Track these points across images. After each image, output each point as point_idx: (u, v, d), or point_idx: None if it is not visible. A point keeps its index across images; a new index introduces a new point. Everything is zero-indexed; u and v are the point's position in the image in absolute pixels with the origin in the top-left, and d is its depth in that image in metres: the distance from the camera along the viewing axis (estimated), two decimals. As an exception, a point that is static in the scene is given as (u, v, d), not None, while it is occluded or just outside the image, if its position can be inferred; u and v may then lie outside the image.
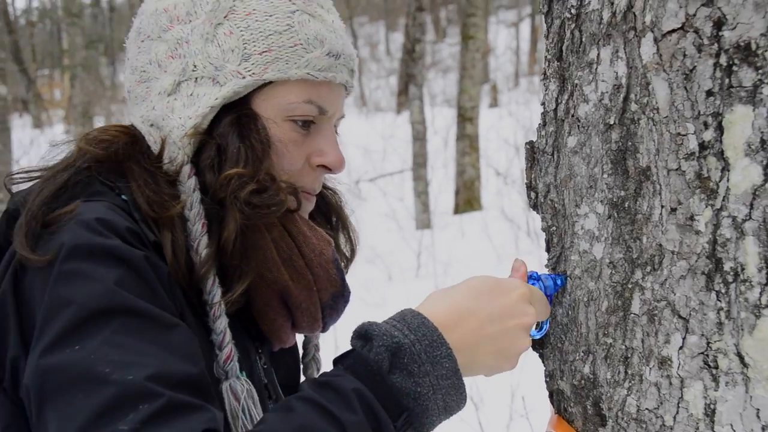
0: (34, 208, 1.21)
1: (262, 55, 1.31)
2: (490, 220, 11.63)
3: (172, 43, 1.34)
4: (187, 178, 1.30)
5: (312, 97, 1.36)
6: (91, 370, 1.02)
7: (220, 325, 1.28)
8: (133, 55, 1.41)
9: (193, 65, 1.32)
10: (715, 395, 1.10)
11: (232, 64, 1.31)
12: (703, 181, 1.08)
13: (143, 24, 1.40)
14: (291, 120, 1.36)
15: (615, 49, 1.18)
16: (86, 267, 1.11)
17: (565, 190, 1.30)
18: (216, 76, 1.31)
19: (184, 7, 1.35)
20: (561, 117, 1.30)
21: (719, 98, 1.06)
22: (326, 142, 1.42)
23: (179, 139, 1.32)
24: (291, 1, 1.35)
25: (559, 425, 1.32)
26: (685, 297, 1.12)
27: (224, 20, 1.32)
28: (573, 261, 1.28)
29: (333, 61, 1.38)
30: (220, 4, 1.33)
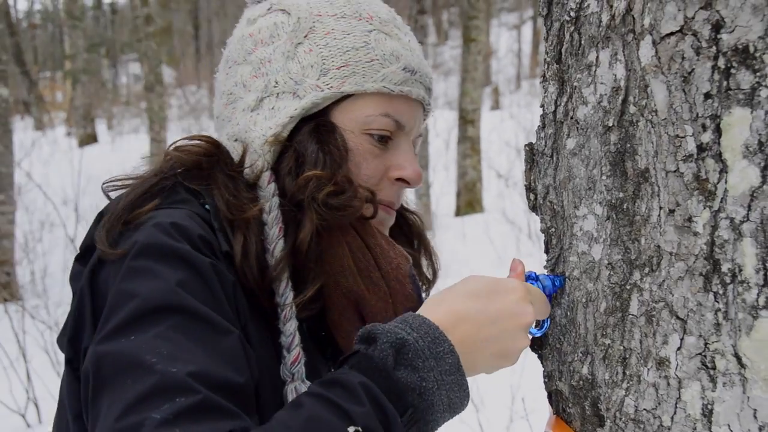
0: (118, 210, 1.27)
1: (340, 69, 1.37)
2: (492, 222, 11.65)
3: (256, 63, 1.41)
4: (266, 184, 1.35)
5: (389, 111, 1.41)
6: (139, 359, 1.06)
7: (289, 327, 1.30)
8: (221, 81, 1.49)
9: (275, 82, 1.39)
10: (713, 396, 1.11)
11: (311, 78, 1.37)
12: (701, 183, 1.09)
13: (231, 51, 1.48)
14: (368, 133, 1.40)
15: (614, 51, 1.18)
16: (153, 265, 1.16)
17: (564, 192, 1.30)
18: (296, 90, 1.37)
19: (268, 30, 1.42)
20: (560, 119, 1.31)
21: (717, 101, 1.06)
22: (404, 157, 1.45)
23: (260, 146, 1.38)
24: (368, 21, 1.41)
25: (557, 426, 1.33)
26: (683, 298, 1.12)
27: (304, 39, 1.39)
28: (572, 262, 1.29)
29: (409, 76, 1.42)
30: (300, 24, 1.40)
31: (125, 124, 28.21)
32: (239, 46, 1.46)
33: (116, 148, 21.71)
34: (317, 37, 1.39)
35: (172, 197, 1.32)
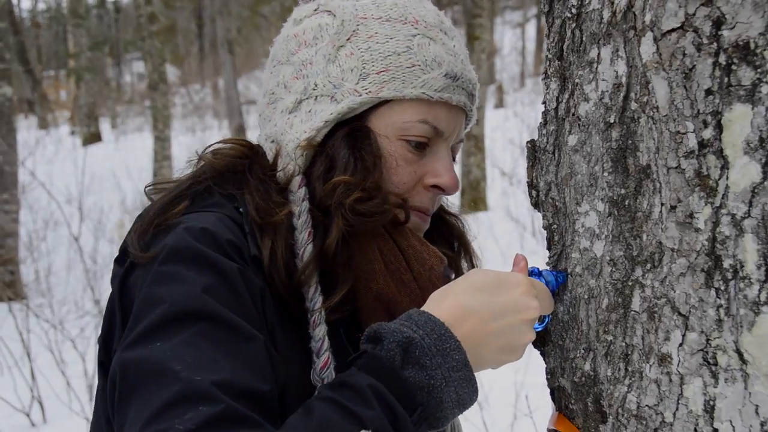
0: (151, 213, 1.29)
1: (380, 74, 1.36)
2: (496, 220, 11.64)
3: (298, 65, 1.41)
4: (297, 188, 1.34)
5: (427, 117, 1.39)
6: (165, 367, 1.06)
7: (319, 332, 1.30)
8: (266, 79, 1.49)
9: (314, 84, 1.38)
10: (715, 392, 1.11)
11: (350, 82, 1.36)
12: (703, 179, 1.09)
13: (276, 50, 1.49)
14: (404, 139, 1.39)
15: (615, 48, 1.18)
16: (180, 270, 1.16)
17: (566, 188, 1.31)
18: (334, 94, 1.37)
19: (312, 32, 1.42)
20: (562, 116, 1.31)
21: (718, 97, 1.06)
22: (441, 164, 1.44)
23: (293, 150, 1.37)
24: (413, 25, 1.40)
25: (560, 422, 1.33)
26: (685, 294, 1.13)
27: (347, 42, 1.38)
28: (574, 259, 1.29)
29: (450, 82, 1.40)
30: (344, 27, 1.39)
31: (129, 123, 28.25)
32: (284, 45, 1.46)
33: (120, 147, 21.75)
34: (360, 41, 1.38)
35: (205, 201, 1.33)
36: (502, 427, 5.05)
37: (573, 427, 1.30)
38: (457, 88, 1.42)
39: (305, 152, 1.36)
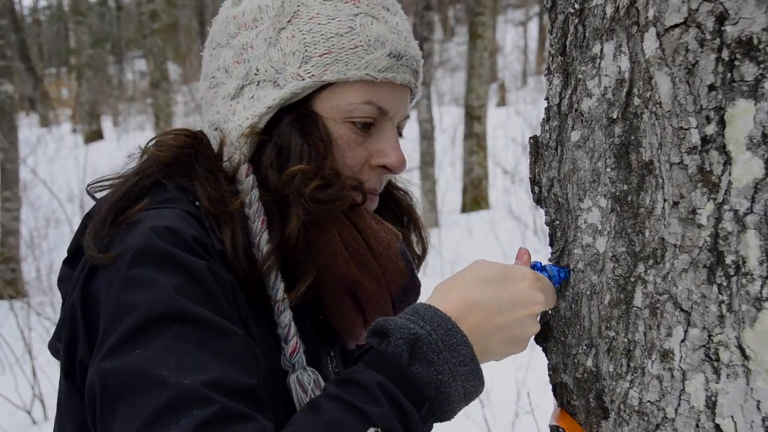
0: (103, 212, 1.26)
1: (322, 57, 1.33)
2: (498, 218, 11.64)
3: (238, 48, 1.38)
4: (245, 177, 1.33)
5: (372, 98, 1.38)
6: (149, 374, 1.04)
7: (284, 319, 1.30)
8: (206, 63, 1.46)
9: (255, 69, 1.36)
10: (717, 387, 1.11)
11: (292, 66, 1.34)
12: (705, 175, 1.09)
13: (215, 32, 1.45)
14: (350, 121, 1.38)
15: (618, 43, 1.18)
16: (149, 273, 1.14)
17: (568, 185, 1.30)
18: (276, 79, 1.34)
19: (251, 14, 1.39)
20: (564, 111, 1.31)
21: (721, 92, 1.06)
22: (387, 143, 1.43)
23: (236, 138, 1.36)
24: (354, 4, 1.37)
25: (562, 418, 1.33)
26: (687, 290, 1.13)
27: (287, 24, 1.35)
28: (576, 255, 1.29)
29: (394, 61, 1.39)
30: (284, 9, 1.36)
31: (131, 121, 28.23)
32: (223, 28, 1.43)
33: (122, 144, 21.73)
34: (301, 23, 1.35)
35: (161, 195, 1.31)
36: (504, 425, 5.05)
37: (575, 424, 1.30)
38: (401, 67, 1.40)
39: (249, 140, 1.35)
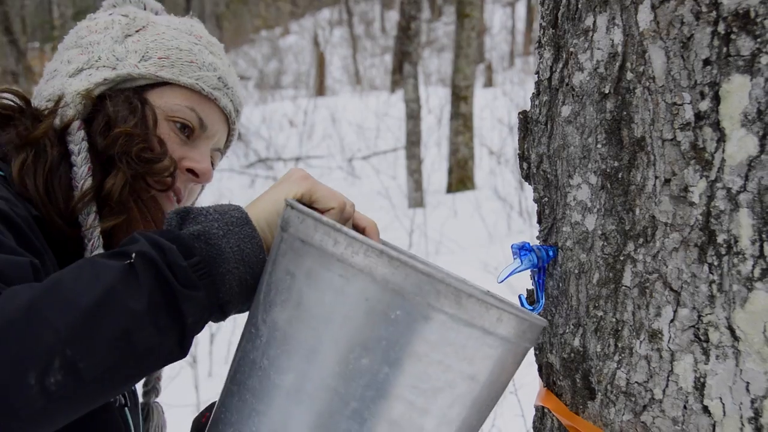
0: None
1: (160, 59, 1.48)
2: (483, 199, 11.63)
3: (85, 45, 1.50)
4: (76, 130, 1.40)
5: (195, 107, 1.51)
6: None
7: (97, 250, 1.36)
8: (48, 65, 1.56)
9: (97, 57, 1.47)
10: (705, 368, 1.09)
11: (132, 59, 1.47)
12: (698, 152, 1.07)
13: (66, 40, 1.56)
14: (172, 120, 1.49)
15: (611, 16, 1.15)
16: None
17: (558, 161, 1.28)
18: (116, 65, 1.46)
19: (104, 23, 1.52)
20: (555, 86, 1.28)
21: (716, 67, 1.04)
22: (200, 154, 1.53)
23: (72, 95, 1.43)
24: (197, 38, 1.55)
25: (547, 399, 1.31)
26: (678, 269, 1.11)
27: (135, 33, 1.50)
28: (565, 232, 1.27)
29: (221, 85, 1.55)
30: (135, 22, 1.52)
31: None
32: (74, 34, 1.54)
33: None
34: (147, 34, 1.50)
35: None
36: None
37: (560, 404, 1.29)
38: (226, 95, 1.56)
39: (84, 101, 1.43)
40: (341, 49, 31.47)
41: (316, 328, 1.06)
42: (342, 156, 15.87)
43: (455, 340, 1.04)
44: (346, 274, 1.04)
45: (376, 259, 1.02)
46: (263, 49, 32.59)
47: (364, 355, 1.03)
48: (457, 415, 1.09)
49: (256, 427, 1.09)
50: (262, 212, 1.24)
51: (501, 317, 1.06)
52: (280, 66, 29.42)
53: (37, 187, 1.34)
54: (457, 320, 1.03)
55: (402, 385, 1.04)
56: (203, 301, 1.11)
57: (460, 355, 1.05)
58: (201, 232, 1.14)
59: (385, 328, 1.02)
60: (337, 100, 20.17)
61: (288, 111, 18.37)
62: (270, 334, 1.10)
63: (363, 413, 1.04)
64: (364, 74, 28.64)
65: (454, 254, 9.99)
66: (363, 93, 23.13)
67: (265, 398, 1.09)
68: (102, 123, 1.42)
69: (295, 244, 1.10)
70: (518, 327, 1.08)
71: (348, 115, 17.89)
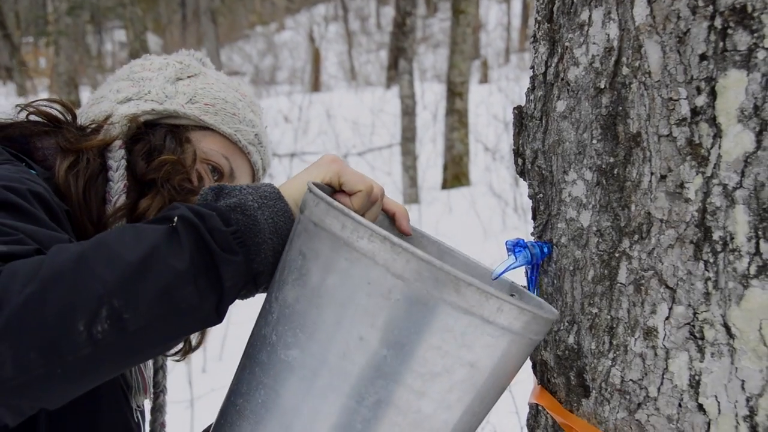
0: None
1: (206, 105, 1.54)
2: (478, 195, 11.62)
3: (137, 80, 1.56)
4: (117, 148, 1.45)
5: (229, 156, 1.57)
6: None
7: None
8: (96, 92, 1.61)
9: (148, 91, 1.53)
10: (701, 366, 1.09)
11: (180, 99, 1.53)
12: (695, 148, 1.06)
13: (118, 72, 1.62)
14: (206, 162, 1.54)
15: (607, 10, 1.14)
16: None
17: (553, 156, 1.27)
18: (163, 101, 1.52)
19: (158, 64, 1.59)
20: (550, 81, 1.27)
21: (713, 62, 1.03)
22: None
23: (119, 117, 1.48)
24: (242, 95, 1.63)
25: (541, 396, 1.31)
26: (673, 266, 1.10)
27: (186, 78, 1.58)
28: (559, 229, 1.26)
29: (256, 141, 1.62)
30: (188, 68, 1.59)
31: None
32: (127, 69, 1.61)
33: (101, 115, 21.51)
34: (198, 81, 1.58)
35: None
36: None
37: (555, 402, 1.28)
38: (258, 152, 1.63)
39: (129, 124, 1.48)
40: (336, 44, 31.39)
41: (319, 306, 1.10)
42: (337, 152, 15.85)
43: (454, 327, 1.06)
44: (351, 257, 1.07)
45: (379, 245, 1.06)
46: (258, 44, 32.54)
47: (364, 336, 1.06)
48: (456, 400, 1.10)
49: (263, 399, 1.13)
50: (292, 193, 1.26)
51: (501, 307, 1.07)
52: (276, 62, 29.38)
53: (77, 189, 1.39)
54: (456, 308, 1.05)
55: (400, 368, 1.07)
56: (241, 266, 1.14)
57: (459, 342, 1.06)
58: (237, 204, 1.17)
59: (385, 312, 1.06)
60: (332, 96, 20.13)
61: (283, 107, 18.32)
62: (280, 311, 1.14)
63: (362, 392, 1.07)
64: (359, 70, 28.61)
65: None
66: (358, 89, 23.11)
67: (271, 372, 1.13)
68: (145, 148, 1.48)
69: (308, 226, 1.14)
70: (520, 318, 1.08)
71: (343, 111, 17.86)
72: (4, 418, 1.02)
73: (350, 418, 1.08)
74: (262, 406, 1.13)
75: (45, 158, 1.43)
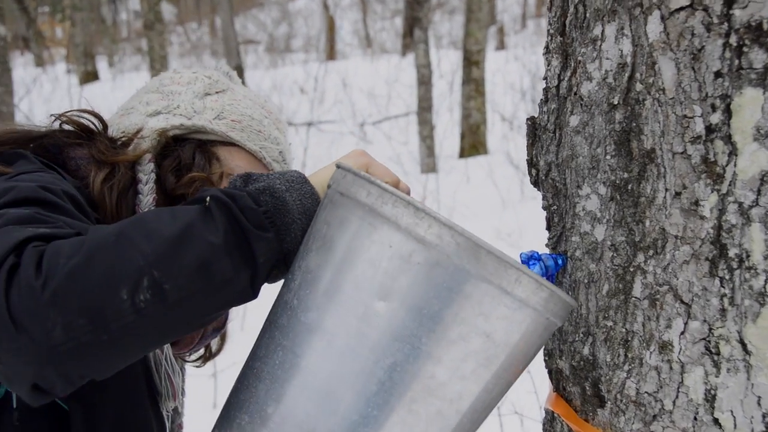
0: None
1: (233, 122, 1.57)
2: (496, 164, 11.58)
3: (166, 93, 1.58)
4: (147, 162, 1.49)
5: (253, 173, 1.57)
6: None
7: None
8: (125, 102, 1.63)
9: (177, 105, 1.56)
10: (716, 381, 1.09)
11: (208, 115, 1.56)
12: (710, 166, 1.05)
13: (148, 83, 1.65)
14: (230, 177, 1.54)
15: (620, 26, 1.13)
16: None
17: (566, 170, 1.26)
18: (192, 116, 1.54)
19: (187, 78, 1.62)
20: (563, 94, 1.26)
21: (728, 80, 1.02)
22: None
23: (149, 131, 1.51)
24: (268, 112, 1.65)
25: (557, 404, 1.31)
26: (688, 282, 1.10)
27: (215, 93, 1.60)
28: (574, 242, 1.25)
29: (280, 159, 1.64)
30: (217, 84, 1.61)
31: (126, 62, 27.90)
32: (157, 81, 1.63)
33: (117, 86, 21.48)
34: (225, 97, 1.60)
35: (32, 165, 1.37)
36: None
37: (570, 410, 1.28)
38: (282, 169, 1.64)
39: (159, 139, 1.51)
40: (351, 12, 31.22)
41: (341, 270, 1.13)
42: (353, 121, 15.81)
43: (471, 294, 1.07)
44: (374, 222, 1.11)
45: (402, 209, 1.09)
46: (273, 12, 32.39)
47: (383, 299, 1.09)
48: (471, 371, 1.11)
49: (280, 360, 1.15)
50: (319, 180, 1.29)
51: (520, 279, 1.08)
52: (290, 30, 29.27)
53: (111, 201, 1.43)
54: (475, 275, 1.07)
55: (417, 332, 1.09)
56: (272, 242, 1.18)
57: (476, 311, 1.08)
58: (265, 187, 1.21)
59: (405, 275, 1.08)
60: (347, 64, 20.05)
61: (299, 77, 18.28)
62: (303, 277, 1.17)
63: (378, 354, 1.10)
64: (374, 38, 28.44)
65: (467, 220, 9.98)
66: (374, 57, 22.99)
67: (290, 334, 1.16)
68: (174, 163, 1.51)
69: (335, 197, 1.17)
70: (538, 293, 1.10)
71: (359, 80, 17.79)
72: (56, 389, 1.07)
73: (366, 380, 1.10)
74: (279, 367, 1.15)
75: (77, 168, 1.46)
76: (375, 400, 1.10)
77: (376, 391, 1.10)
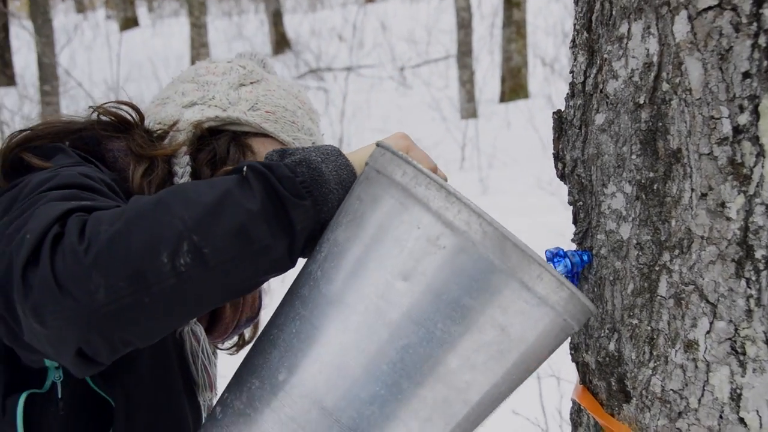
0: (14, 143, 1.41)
1: (267, 113, 1.57)
2: (537, 109, 11.45)
3: (202, 83, 1.58)
4: (183, 155, 1.49)
5: None
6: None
7: None
8: (161, 92, 1.64)
9: (212, 96, 1.56)
10: (742, 381, 1.09)
11: (242, 106, 1.55)
12: (736, 167, 1.03)
13: (183, 73, 1.65)
14: None
15: (647, 24, 1.10)
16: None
17: (592, 167, 1.24)
18: (227, 108, 1.54)
19: (222, 68, 1.62)
20: (589, 91, 1.24)
21: (757, 81, 1.00)
22: None
23: (185, 123, 1.52)
24: (302, 103, 1.64)
25: (583, 397, 1.31)
26: (714, 282, 1.09)
27: (249, 84, 1.59)
28: (599, 240, 1.24)
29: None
30: (251, 75, 1.61)
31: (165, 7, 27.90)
32: (192, 70, 1.63)
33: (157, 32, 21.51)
34: (260, 88, 1.59)
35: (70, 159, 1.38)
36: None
37: (596, 404, 1.29)
38: None
39: (194, 131, 1.51)
40: (390, -49, 30.76)
41: (368, 245, 1.14)
42: (393, 65, 15.70)
43: (492, 284, 1.08)
44: (406, 202, 1.12)
45: (435, 192, 1.09)
46: (312, -46, 32.00)
47: (404, 278, 1.10)
48: (482, 363, 1.12)
49: (297, 329, 1.17)
50: (358, 158, 1.30)
51: (542, 275, 1.08)
52: (329, -29, 28.92)
53: (150, 194, 1.42)
54: (498, 266, 1.07)
55: (433, 316, 1.09)
56: (309, 210, 1.19)
57: (495, 302, 1.08)
58: (302, 159, 1.22)
59: (429, 257, 1.09)
60: (386, 7, 19.83)
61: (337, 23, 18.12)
62: (329, 249, 1.18)
63: (392, 333, 1.11)
64: (414, -22, 28.00)
65: (507, 168, 9.92)
66: None
67: (310, 304, 1.17)
68: (209, 156, 1.52)
69: (371, 174, 1.19)
70: (558, 292, 1.09)
71: (398, 24, 17.60)
72: (100, 354, 1.10)
73: (378, 358, 1.11)
74: (295, 336, 1.16)
75: (115, 160, 1.48)
76: (384, 380, 1.11)
77: (386, 370, 1.11)
